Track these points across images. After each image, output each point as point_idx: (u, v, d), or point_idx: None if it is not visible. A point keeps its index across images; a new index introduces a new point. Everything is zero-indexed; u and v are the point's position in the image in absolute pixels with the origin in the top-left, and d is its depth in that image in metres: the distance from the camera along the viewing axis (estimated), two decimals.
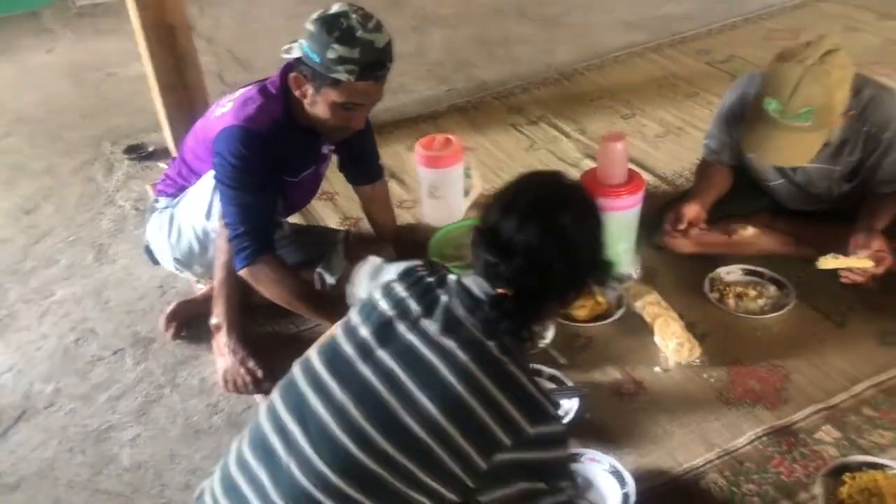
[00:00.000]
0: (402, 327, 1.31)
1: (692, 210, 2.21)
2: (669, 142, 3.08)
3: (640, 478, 1.76)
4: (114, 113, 3.69)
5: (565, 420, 1.88)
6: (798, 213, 2.38)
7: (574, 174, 2.88)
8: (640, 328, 2.19)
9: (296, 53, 1.95)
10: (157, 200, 2.35)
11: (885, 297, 2.17)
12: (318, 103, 1.97)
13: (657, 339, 2.09)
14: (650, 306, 2.16)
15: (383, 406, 1.25)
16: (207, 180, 2.10)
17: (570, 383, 2.01)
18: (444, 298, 1.33)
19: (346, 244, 2.35)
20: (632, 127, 3.19)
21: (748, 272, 2.34)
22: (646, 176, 2.75)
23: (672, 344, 2.05)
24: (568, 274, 1.31)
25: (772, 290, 2.27)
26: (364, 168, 2.40)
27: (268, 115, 2.01)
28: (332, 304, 1.99)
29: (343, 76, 1.88)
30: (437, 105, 3.53)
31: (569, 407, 1.93)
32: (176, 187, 2.28)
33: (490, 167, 2.98)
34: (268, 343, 2.22)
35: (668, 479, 1.78)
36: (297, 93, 1.99)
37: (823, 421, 1.88)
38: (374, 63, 1.90)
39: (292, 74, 1.97)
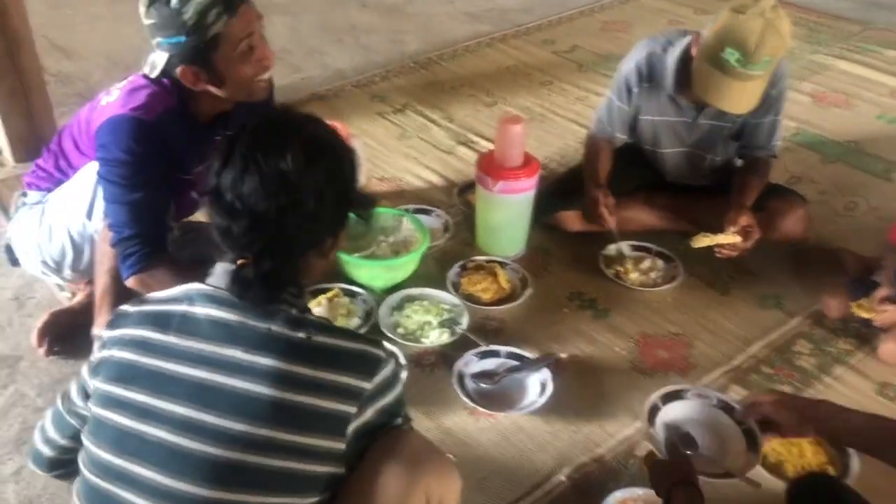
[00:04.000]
0: (172, 366, 1.15)
1: (609, 198, 2.29)
2: (535, 128, 3.14)
3: (577, 451, 1.80)
4: None
5: (547, 392, 1.90)
6: (674, 188, 2.52)
7: (450, 161, 2.92)
8: (548, 308, 2.23)
9: (161, 60, 1.75)
10: (25, 194, 2.06)
11: (756, 264, 2.36)
12: (228, 74, 1.78)
13: None
14: None
15: (195, 457, 1.10)
16: (88, 175, 1.86)
17: (530, 356, 2.02)
18: (197, 310, 1.17)
19: None
20: (496, 114, 3.23)
21: (635, 248, 2.45)
22: None
23: None
24: (309, 221, 1.17)
25: (660, 263, 2.40)
26: None
27: (160, 103, 1.80)
28: None
29: (218, 26, 1.70)
30: (294, 94, 3.38)
31: (543, 379, 1.95)
32: (51, 181, 2.01)
33: (365, 157, 2.90)
34: None
35: (599, 453, 1.82)
36: (198, 88, 1.79)
37: (730, 381, 2.01)
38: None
39: (179, 70, 1.75)
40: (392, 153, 2.97)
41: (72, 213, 1.91)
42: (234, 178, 1.14)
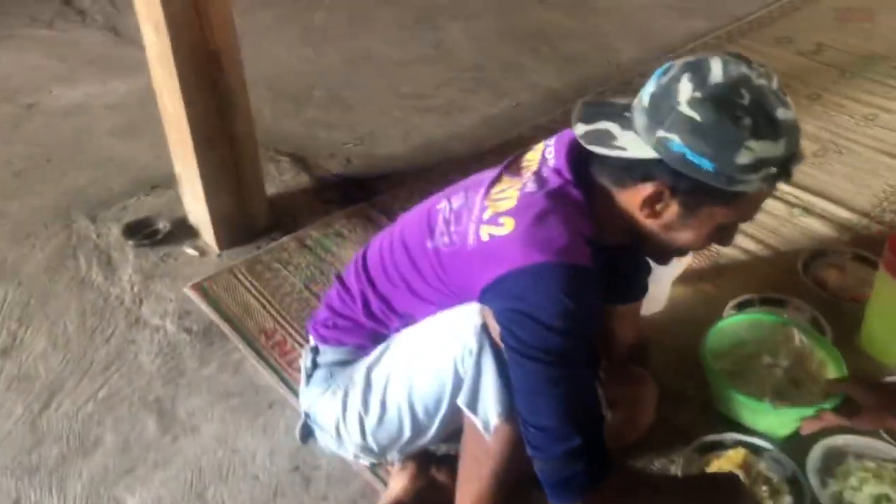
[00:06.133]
0: None
1: None
2: (835, 162, 2.51)
3: None
4: (64, 166, 2.62)
5: None
6: None
7: (759, 218, 2.29)
8: None
9: (636, 152, 1.15)
10: (316, 350, 1.47)
11: None
12: (685, 227, 1.20)
13: None
14: None
15: None
16: (455, 337, 1.26)
17: None
18: None
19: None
20: None
21: None
22: (841, 211, 2.27)
23: None
24: None
25: None
26: (634, 284, 1.64)
27: (580, 235, 1.20)
28: None
29: (754, 186, 1.12)
30: (513, 128, 2.76)
31: None
32: (361, 334, 1.42)
33: None
34: None
35: None
36: (643, 212, 1.20)
37: None
38: (796, 154, 1.14)
39: (653, 184, 1.16)
40: None
41: (423, 387, 1.32)
42: None
